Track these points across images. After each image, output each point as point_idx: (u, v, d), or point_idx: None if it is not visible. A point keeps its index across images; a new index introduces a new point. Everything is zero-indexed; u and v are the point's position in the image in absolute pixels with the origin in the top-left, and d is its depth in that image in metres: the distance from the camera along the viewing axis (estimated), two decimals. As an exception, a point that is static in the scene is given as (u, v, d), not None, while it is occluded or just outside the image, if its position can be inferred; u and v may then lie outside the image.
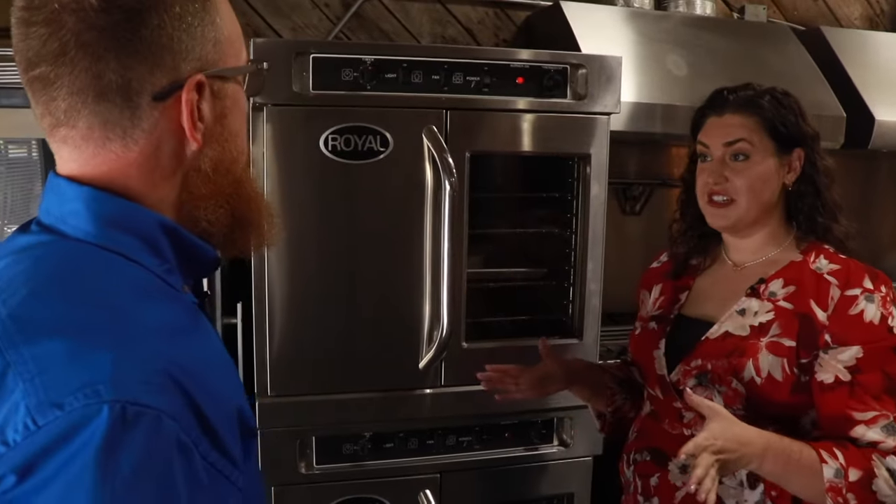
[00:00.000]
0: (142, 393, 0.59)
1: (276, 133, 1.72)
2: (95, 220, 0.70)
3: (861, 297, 1.32)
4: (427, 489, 1.89)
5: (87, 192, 0.71)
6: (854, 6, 3.11)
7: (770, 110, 1.41)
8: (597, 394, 1.67)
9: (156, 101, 0.70)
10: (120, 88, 0.69)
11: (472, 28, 2.68)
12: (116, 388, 0.58)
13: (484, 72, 1.81)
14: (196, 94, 0.71)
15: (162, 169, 0.73)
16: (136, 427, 0.58)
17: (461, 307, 1.86)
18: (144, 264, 0.71)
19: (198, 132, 0.72)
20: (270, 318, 1.77)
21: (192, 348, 0.68)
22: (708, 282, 1.53)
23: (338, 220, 1.78)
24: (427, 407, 1.90)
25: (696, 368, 1.41)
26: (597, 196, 1.94)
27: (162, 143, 0.72)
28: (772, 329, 1.36)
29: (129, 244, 0.71)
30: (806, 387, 1.33)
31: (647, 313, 1.59)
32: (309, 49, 1.71)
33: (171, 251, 0.74)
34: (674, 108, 2.28)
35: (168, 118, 0.71)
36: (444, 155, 1.75)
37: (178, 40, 0.70)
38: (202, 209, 0.75)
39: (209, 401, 0.64)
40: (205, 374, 0.66)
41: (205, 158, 0.74)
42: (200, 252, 0.77)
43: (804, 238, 1.44)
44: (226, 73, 0.74)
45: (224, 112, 0.75)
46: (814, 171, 1.42)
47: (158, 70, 0.69)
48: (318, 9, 2.53)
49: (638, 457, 1.51)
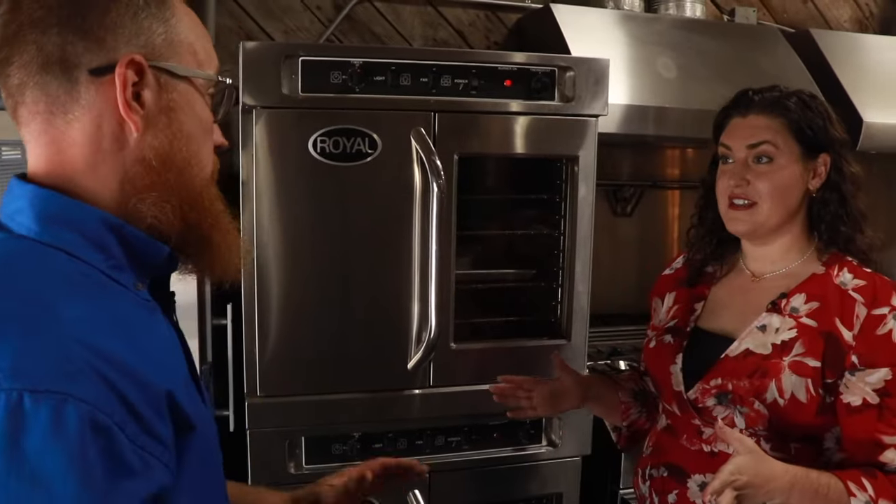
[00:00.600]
0: (48, 380, 0.61)
1: (266, 135, 1.73)
2: (38, 217, 0.73)
3: (889, 315, 1.28)
4: (416, 489, 1.89)
5: (31, 191, 0.74)
6: (843, 9, 3.13)
7: (797, 112, 1.36)
8: (611, 409, 1.63)
9: (92, 75, 0.73)
10: (60, 61, 0.72)
11: (463, 30, 2.69)
12: (15, 376, 0.61)
13: (472, 74, 1.82)
14: (135, 77, 0.74)
15: (104, 152, 0.75)
16: (37, 412, 0.59)
17: (449, 308, 1.87)
18: (86, 260, 0.73)
19: (134, 114, 0.74)
20: (259, 319, 1.78)
21: (123, 339, 0.68)
22: (724, 292, 1.47)
23: (327, 221, 1.79)
24: (416, 407, 1.91)
25: (715, 388, 1.36)
26: (584, 197, 1.95)
27: (102, 123, 0.74)
28: (795, 347, 1.31)
29: (70, 240, 0.73)
30: (831, 407, 1.29)
31: (661, 323, 1.54)
32: (298, 52, 1.73)
33: (119, 248, 0.75)
34: (664, 111, 2.30)
35: (105, 97, 0.74)
36: (431, 157, 1.76)
37: (122, 25, 0.74)
38: (146, 202, 0.76)
39: (135, 386, 0.65)
40: (133, 363, 0.67)
41: (147, 147, 0.76)
42: (150, 249, 0.78)
43: (826, 249, 1.38)
44: (175, 70, 0.77)
45: (171, 106, 0.77)
46: (840, 177, 1.37)
47: (97, 47, 0.73)
48: (309, 11, 2.54)
49: (654, 472, 1.47)
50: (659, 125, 2.30)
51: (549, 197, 2.00)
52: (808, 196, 1.38)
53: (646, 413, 1.62)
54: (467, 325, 1.98)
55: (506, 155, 1.95)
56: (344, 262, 1.82)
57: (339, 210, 1.79)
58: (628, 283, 2.87)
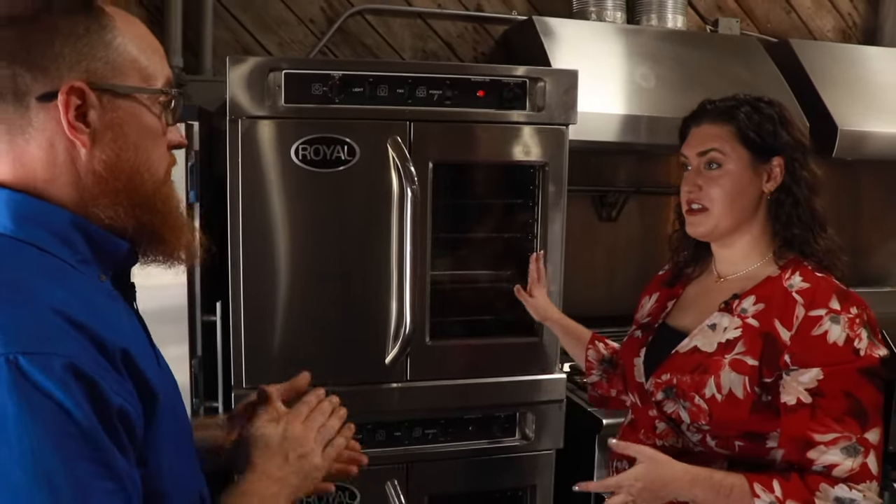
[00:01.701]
0: (32, 342, 0.74)
1: (251, 143, 1.85)
2: (13, 217, 0.84)
3: (826, 317, 1.31)
4: (394, 478, 1.99)
5: (6, 195, 0.85)
6: (826, 19, 3.20)
7: (745, 119, 1.41)
8: (574, 350, 1.83)
9: (40, 101, 0.83)
10: (12, 91, 0.83)
11: (451, 42, 2.80)
12: (8, 341, 0.73)
13: (446, 85, 1.93)
14: (78, 100, 0.83)
15: (60, 166, 0.85)
16: (32, 370, 0.72)
17: (425, 306, 1.97)
18: (55, 254, 0.84)
19: (80, 133, 0.84)
20: (246, 316, 1.89)
21: (88, 312, 0.80)
22: (694, 292, 1.55)
23: (308, 224, 1.90)
24: (394, 400, 2.01)
25: (664, 382, 1.43)
26: (556, 202, 2.05)
27: (55, 142, 0.84)
28: (737, 346, 1.36)
29: (42, 237, 0.84)
30: (769, 406, 1.33)
31: (640, 319, 1.63)
32: (281, 65, 1.84)
33: (84, 244, 0.86)
34: (639, 119, 2.39)
35: (55, 119, 0.84)
36: (406, 164, 1.87)
37: (63, 55, 0.83)
38: (100, 207, 0.87)
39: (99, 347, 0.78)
40: (98, 329, 0.78)
41: (97, 160, 0.86)
42: (111, 245, 0.89)
43: (784, 253, 1.43)
44: (116, 89, 0.86)
45: (116, 122, 0.86)
46: (793, 180, 1.41)
47: (43, 76, 0.83)
48: (303, 25, 2.66)
49: (619, 465, 1.54)
50: (634, 133, 2.40)
51: (524, 201, 2.10)
52: (764, 198, 1.42)
53: (606, 379, 1.74)
54: (444, 322, 2.08)
55: (479, 162, 2.06)
56: (325, 263, 1.93)
57: (320, 213, 1.91)
58: (614, 285, 2.96)
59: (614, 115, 2.37)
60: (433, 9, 2.77)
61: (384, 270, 1.95)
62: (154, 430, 0.83)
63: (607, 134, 2.38)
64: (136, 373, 0.82)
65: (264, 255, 1.89)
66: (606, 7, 2.70)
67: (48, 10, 0.83)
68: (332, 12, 2.68)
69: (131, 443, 0.79)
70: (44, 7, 0.83)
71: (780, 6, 3.14)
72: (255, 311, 1.90)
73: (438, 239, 2.02)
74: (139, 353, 0.84)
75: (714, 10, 3.06)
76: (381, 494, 1.97)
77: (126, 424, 0.78)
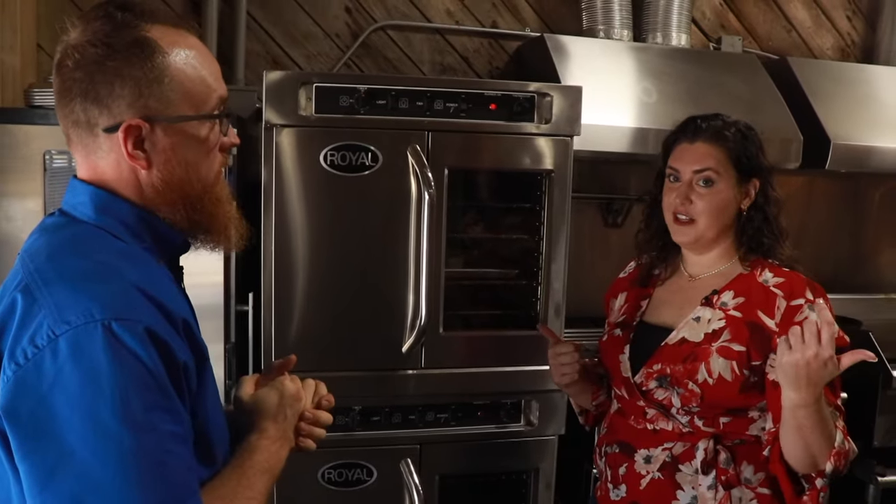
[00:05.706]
0: (122, 311, 0.92)
1: (285, 149, 2.04)
2: (94, 209, 1.03)
3: (805, 306, 1.52)
4: (408, 458, 2.18)
5: (90, 190, 1.04)
6: (826, 38, 3.35)
7: (736, 142, 1.59)
8: (582, 391, 1.84)
9: (105, 133, 1.01)
10: (84, 123, 1.01)
11: (468, 57, 2.99)
12: (105, 309, 0.91)
13: (461, 99, 2.12)
14: (135, 132, 1.00)
15: (126, 180, 1.04)
16: (123, 333, 0.90)
17: (439, 300, 2.15)
18: (127, 241, 1.03)
19: (138, 159, 1.02)
20: (276, 307, 2.08)
21: (157, 288, 0.98)
22: (666, 291, 1.71)
23: (334, 223, 2.09)
24: (410, 386, 2.19)
25: (656, 372, 1.58)
26: (561, 207, 2.23)
27: (120, 162, 1.03)
28: (723, 335, 1.54)
29: (116, 227, 1.03)
30: (755, 385, 1.52)
31: (613, 320, 1.77)
32: (312, 79, 2.04)
33: (148, 235, 1.06)
34: (643, 132, 2.57)
35: (118, 146, 1.02)
36: (424, 170, 2.06)
37: (123, 95, 0.99)
38: (160, 211, 1.06)
39: (168, 317, 0.96)
40: (167, 302, 0.97)
41: (154, 177, 1.04)
42: (170, 237, 1.09)
43: (748, 256, 1.63)
44: (169, 120, 1.03)
45: (169, 147, 1.03)
46: (765, 200, 1.61)
47: (107, 112, 1.00)
48: (329, 38, 2.86)
49: (608, 449, 1.70)
50: (638, 144, 2.57)
51: (531, 206, 2.28)
52: (739, 213, 1.62)
53: (606, 394, 1.85)
54: (457, 316, 2.25)
55: (491, 169, 2.25)
56: (348, 259, 2.11)
57: (345, 214, 2.09)
58: (616, 288, 3.11)
59: (620, 128, 2.54)
60: (451, 25, 2.96)
61: (402, 267, 2.13)
62: (203, 386, 1.02)
63: (613, 145, 2.56)
64: (192, 338, 1.00)
65: (293, 251, 2.08)
66: (614, 25, 2.87)
67: (112, 58, 0.99)
68: (357, 27, 2.87)
69: (189, 394, 0.98)
70: (108, 55, 0.99)
71: (782, 25, 3.30)
72: (283, 302, 2.09)
73: (452, 239, 2.20)
74: (193, 323, 1.03)
75: (718, 28, 3.22)
76: (396, 472, 2.17)
77: (187, 379, 0.97)
